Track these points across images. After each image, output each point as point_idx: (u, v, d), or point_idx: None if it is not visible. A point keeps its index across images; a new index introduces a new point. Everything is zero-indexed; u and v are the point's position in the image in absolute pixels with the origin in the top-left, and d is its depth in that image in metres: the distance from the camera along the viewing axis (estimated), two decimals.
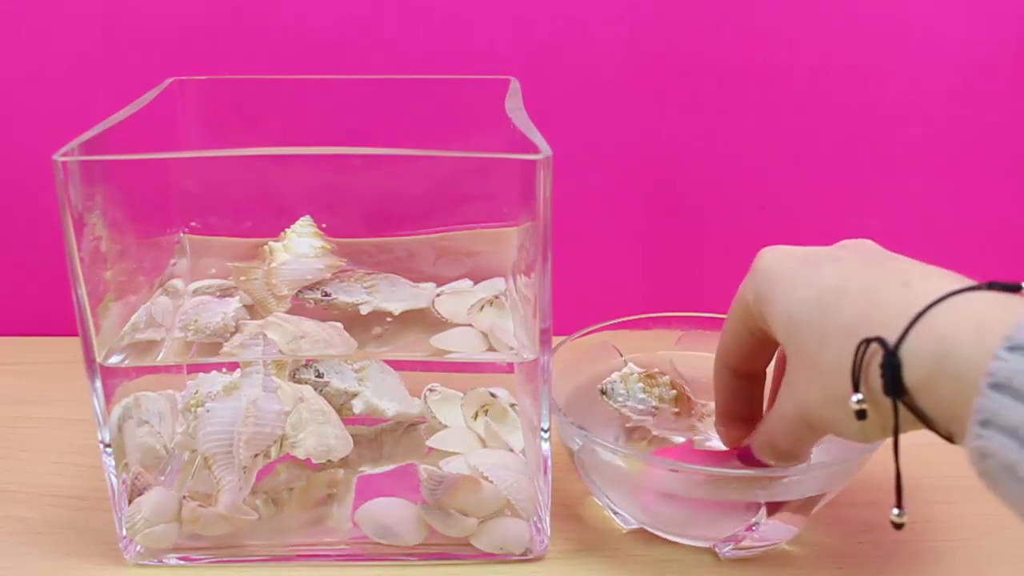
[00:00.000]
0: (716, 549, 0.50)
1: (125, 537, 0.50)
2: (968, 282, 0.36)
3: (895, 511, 0.37)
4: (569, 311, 0.56)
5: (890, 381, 0.35)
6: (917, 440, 0.37)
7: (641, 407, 0.54)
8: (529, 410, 0.50)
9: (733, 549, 0.49)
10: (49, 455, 0.60)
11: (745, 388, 0.48)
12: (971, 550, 0.51)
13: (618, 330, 0.59)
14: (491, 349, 0.50)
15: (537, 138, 0.45)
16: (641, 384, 0.54)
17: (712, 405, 0.55)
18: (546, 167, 0.43)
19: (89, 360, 0.47)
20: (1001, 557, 0.51)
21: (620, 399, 0.54)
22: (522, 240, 0.48)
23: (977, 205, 0.74)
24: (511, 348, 0.50)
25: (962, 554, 0.51)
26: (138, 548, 0.50)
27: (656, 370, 0.55)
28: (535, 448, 0.50)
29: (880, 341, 0.36)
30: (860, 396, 0.37)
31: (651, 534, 0.52)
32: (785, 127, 0.71)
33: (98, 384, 0.47)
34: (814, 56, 0.69)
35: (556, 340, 0.51)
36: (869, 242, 0.43)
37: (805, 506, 0.48)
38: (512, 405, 0.53)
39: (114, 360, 0.47)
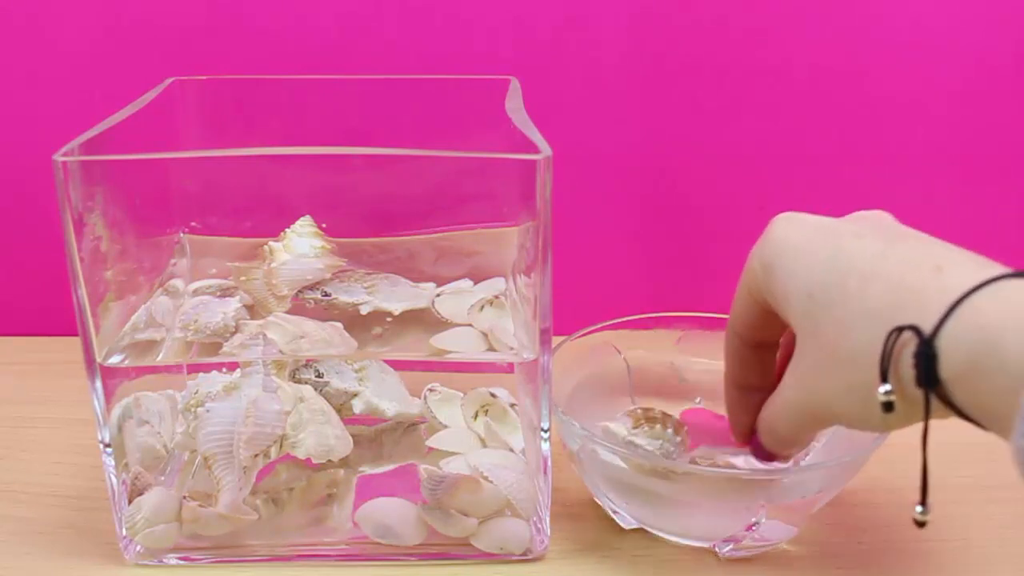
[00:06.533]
0: (716, 549, 0.50)
1: (125, 537, 0.50)
2: (1002, 269, 0.34)
3: (919, 508, 0.36)
4: (569, 311, 0.56)
5: (924, 372, 0.33)
6: (917, 440, 0.37)
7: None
8: (529, 410, 0.50)
9: (733, 549, 0.49)
10: (49, 455, 0.60)
11: (755, 357, 0.45)
12: (972, 550, 0.51)
13: (618, 330, 0.59)
14: (491, 349, 0.50)
15: (537, 138, 0.45)
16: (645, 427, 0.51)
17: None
18: (546, 167, 0.43)
19: (89, 360, 0.47)
20: (1002, 557, 0.51)
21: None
22: (522, 240, 0.48)
23: (978, 205, 0.74)
24: (511, 348, 0.50)
25: (963, 554, 0.51)
26: (138, 548, 0.50)
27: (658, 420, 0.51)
28: (535, 448, 0.50)
29: (915, 329, 0.33)
30: (889, 387, 0.35)
31: (651, 534, 0.52)
32: (785, 127, 0.71)
33: (98, 384, 0.47)
34: (814, 56, 0.69)
35: (556, 340, 0.51)
36: (886, 215, 0.41)
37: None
38: (512, 405, 0.53)
39: (114, 360, 0.47)
